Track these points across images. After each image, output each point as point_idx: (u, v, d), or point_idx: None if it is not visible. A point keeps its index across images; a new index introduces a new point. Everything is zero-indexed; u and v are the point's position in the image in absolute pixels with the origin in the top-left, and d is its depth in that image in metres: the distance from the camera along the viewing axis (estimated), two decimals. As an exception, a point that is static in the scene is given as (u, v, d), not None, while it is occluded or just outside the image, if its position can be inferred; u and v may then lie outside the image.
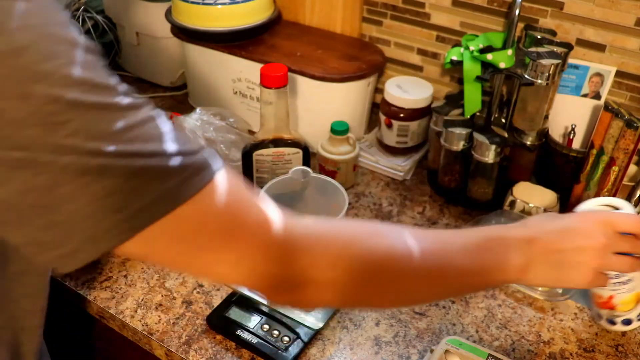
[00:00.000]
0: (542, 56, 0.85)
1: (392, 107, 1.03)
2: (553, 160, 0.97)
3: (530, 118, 0.91)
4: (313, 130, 1.04)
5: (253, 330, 0.74)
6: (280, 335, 0.74)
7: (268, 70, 0.85)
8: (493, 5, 1.00)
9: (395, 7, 1.10)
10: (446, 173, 0.98)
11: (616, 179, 0.87)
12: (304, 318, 0.75)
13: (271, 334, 0.74)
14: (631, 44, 0.92)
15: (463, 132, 0.91)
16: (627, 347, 0.76)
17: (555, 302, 0.82)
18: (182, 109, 1.22)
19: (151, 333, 0.76)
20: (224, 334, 0.75)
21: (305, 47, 1.08)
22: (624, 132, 0.83)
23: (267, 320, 0.75)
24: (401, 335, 0.77)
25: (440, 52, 1.10)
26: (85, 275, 0.83)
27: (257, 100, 1.09)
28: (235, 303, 0.77)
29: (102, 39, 1.27)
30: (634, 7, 0.89)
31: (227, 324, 0.75)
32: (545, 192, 0.93)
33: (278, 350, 0.72)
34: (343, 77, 1.01)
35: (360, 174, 1.06)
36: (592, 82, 0.96)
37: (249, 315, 0.76)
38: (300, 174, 0.85)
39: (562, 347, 0.76)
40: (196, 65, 1.15)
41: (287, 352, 0.72)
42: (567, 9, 0.94)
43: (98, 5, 1.28)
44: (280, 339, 0.73)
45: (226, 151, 0.99)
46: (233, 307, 0.77)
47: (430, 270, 0.53)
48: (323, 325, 0.75)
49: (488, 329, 0.78)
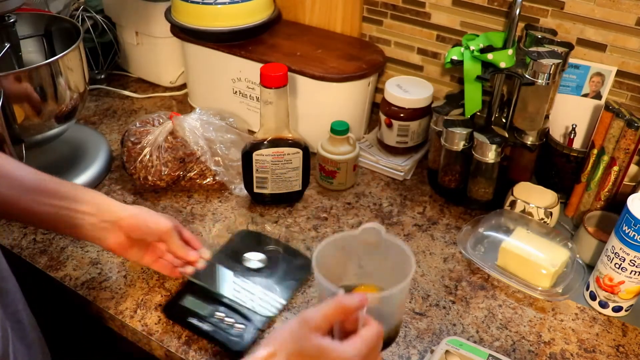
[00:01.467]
0: (543, 56, 0.85)
1: (392, 107, 1.03)
2: (553, 160, 0.97)
3: (531, 118, 0.91)
4: (313, 130, 1.04)
5: (207, 318, 0.75)
6: (234, 323, 0.74)
7: (268, 70, 0.84)
8: (493, 4, 1.00)
9: (395, 6, 1.10)
10: (446, 173, 0.98)
11: (617, 179, 0.87)
12: (258, 307, 0.76)
13: (225, 322, 0.74)
14: (632, 44, 0.92)
15: (463, 132, 0.91)
16: (627, 348, 0.76)
17: (555, 302, 0.82)
18: (181, 108, 1.22)
19: (151, 333, 0.76)
20: (179, 323, 0.76)
21: (305, 46, 1.08)
22: (625, 131, 0.83)
23: (221, 309, 0.76)
24: (401, 336, 0.76)
25: (441, 51, 1.10)
26: (85, 275, 0.83)
27: (257, 100, 1.08)
28: (191, 292, 0.78)
29: (102, 38, 1.27)
30: (634, 7, 0.89)
31: (182, 313, 0.76)
32: (545, 192, 0.93)
33: (231, 337, 0.72)
34: (343, 76, 1.01)
35: (360, 174, 1.06)
36: (592, 82, 0.96)
37: (204, 304, 0.76)
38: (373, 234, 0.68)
39: (563, 347, 0.76)
40: (196, 65, 1.14)
41: (240, 339, 0.72)
42: (568, 9, 0.94)
43: (97, 5, 1.28)
44: (233, 326, 0.74)
45: (226, 151, 0.98)
46: (188, 297, 0.77)
47: None
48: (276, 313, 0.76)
49: (488, 330, 0.78)
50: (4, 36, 0.93)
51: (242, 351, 0.71)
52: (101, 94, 1.27)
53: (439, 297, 0.82)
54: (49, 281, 0.84)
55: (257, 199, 0.97)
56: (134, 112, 1.21)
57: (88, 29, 1.24)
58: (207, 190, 1.00)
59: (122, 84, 1.30)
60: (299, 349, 0.52)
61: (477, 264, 0.85)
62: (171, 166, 0.95)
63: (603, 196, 0.89)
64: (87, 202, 0.71)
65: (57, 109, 0.92)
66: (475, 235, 0.88)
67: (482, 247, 0.88)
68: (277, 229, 0.92)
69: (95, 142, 1.07)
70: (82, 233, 0.71)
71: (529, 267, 0.81)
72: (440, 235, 0.93)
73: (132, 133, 0.98)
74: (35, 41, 1.04)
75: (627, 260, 0.75)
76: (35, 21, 1.02)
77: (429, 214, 0.97)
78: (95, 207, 0.71)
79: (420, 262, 0.88)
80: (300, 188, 0.96)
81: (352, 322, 0.56)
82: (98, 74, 1.29)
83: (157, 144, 0.95)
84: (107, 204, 0.73)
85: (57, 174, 0.98)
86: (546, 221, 0.90)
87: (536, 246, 0.83)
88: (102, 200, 0.73)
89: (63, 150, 1.03)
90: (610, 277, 0.77)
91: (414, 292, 0.83)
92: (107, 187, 1.00)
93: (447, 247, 0.90)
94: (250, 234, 0.90)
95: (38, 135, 0.93)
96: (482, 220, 0.90)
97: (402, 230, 0.93)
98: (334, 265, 0.68)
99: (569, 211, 0.96)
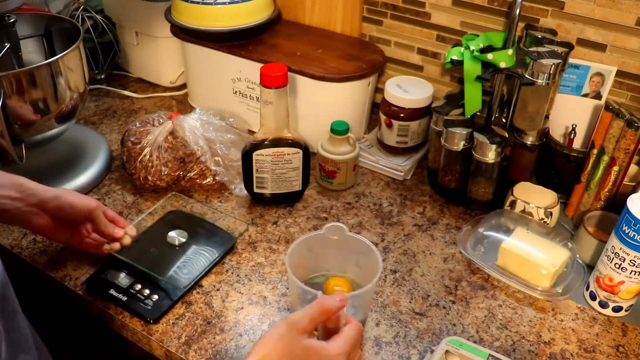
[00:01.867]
0: (543, 56, 0.85)
1: (392, 107, 1.03)
2: (553, 160, 0.97)
3: (531, 118, 0.91)
4: (313, 130, 1.04)
5: (126, 290, 0.79)
6: (150, 294, 0.79)
7: (268, 70, 0.84)
8: (493, 4, 1.00)
9: (395, 6, 1.10)
10: (446, 173, 0.98)
11: (617, 179, 0.87)
12: (174, 278, 0.81)
13: (142, 293, 0.79)
14: (632, 44, 0.92)
15: (463, 132, 0.91)
16: (627, 348, 0.76)
17: (555, 302, 0.82)
18: (181, 108, 1.22)
19: (151, 333, 0.76)
20: (100, 295, 0.80)
21: (305, 46, 1.08)
22: (625, 131, 0.83)
23: (139, 282, 0.80)
24: (401, 336, 0.76)
25: (441, 51, 1.10)
26: (85, 275, 0.83)
27: (256, 100, 1.08)
28: (112, 266, 0.82)
29: (102, 38, 1.27)
30: (634, 7, 0.89)
31: (103, 285, 0.80)
32: (545, 192, 0.93)
33: (146, 307, 0.77)
34: (343, 76, 1.01)
35: (360, 174, 1.06)
36: (592, 82, 0.96)
37: (125, 278, 0.81)
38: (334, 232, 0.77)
39: (563, 347, 0.76)
40: (196, 65, 1.14)
41: (155, 309, 0.77)
42: (568, 9, 0.94)
43: (97, 5, 1.28)
44: (149, 297, 0.79)
45: (226, 151, 0.98)
46: (110, 270, 0.82)
47: None
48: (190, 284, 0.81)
49: (488, 330, 0.78)
50: (4, 36, 0.93)
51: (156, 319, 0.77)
52: (101, 94, 1.27)
53: (439, 297, 0.82)
54: (49, 281, 0.84)
55: (257, 199, 0.97)
56: (134, 112, 1.21)
57: (88, 29, 1.24)
58: (207, 190, 1.00)
59: (122, 84, 1.30)
60: (289, 351, 0.56)
61: (477, 264, 0.85)
62: (171, 166, 0.95)
63: (603, 196, 0.89)
64: (9, 186, 0.72)
65: (57, 109, 0.92)
66: (475, 235, 0.88)
67: (482, 247, 0.88)
68: (275, 229, 0.92)
69: (95, 142, 1.07)
70: (7, 218, 0.73)
71: (529, 267, 0.81)
72: (440, 235, 0.93)
73: (132, 133, 0.98)
74: (35, 41, 1.04)
75: (627, 260, 0.75)
76: (35, 21, 1.02)
77: (429, 214, 0.97)
78: (19, 190, 0.72)
79: (420, 262, 0.88)
80: (300, 188, 0.96)
81: (334, 321, 0.61)
82: (98, 74, 1.29)
83: (157, 144, 0.95)
84: (30, 187, 0.74)
85: (57, 174, 0.98)
86: (546, 221, 0.90)
87: (536, 246, 0.83)
88: (24, 182, 0.74)
89: (63, 150, 1.03)
90: (610, 277, 0.77)
91: (414, 292, 0.83)
92: (107, 187, 1.00)
93: (447, 247, 0.90)
94: (179, 214, 0.93)
95: (38, 135, 0.93)
96: (482, 220, 0.90)
97: (402, 230, 0.93)
98: (305, 264, 0.78)
99: (569, 211, 0.96)
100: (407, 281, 0.84)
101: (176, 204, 0.95)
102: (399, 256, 0.88)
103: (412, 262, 0.87)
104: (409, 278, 0.85)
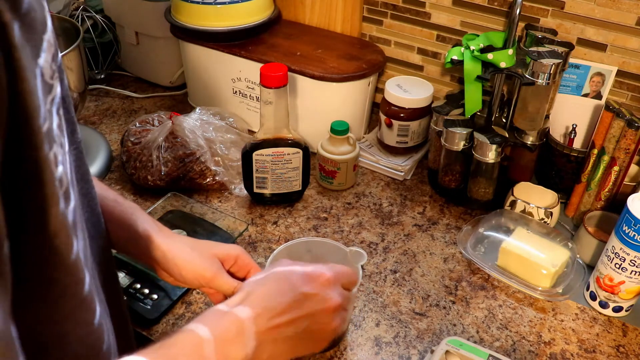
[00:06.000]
0: (543, 56, 0.85)
1: (392, 107, 1.03)
2: (554, 160, 0.96)
3: (531, 118, 0.91)
4: (313, 130, 1.04)
5: (124, 289, 0.79)
6: (149, 294, 0.79)
7: (268, 69, 0.84)
8: (494, 4, 1.00)
9: (395, 6, 1.10)
10: (447, 173, 0.98)
11: (617, 179, 0.87)
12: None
13: (141, 292, 0.79)
14: (632, 44, 0.92)
15: (463, 132, 0.91)
16: (628, 348, 0.76)
17: (556, 303, 0.82)
18: (181, 108, 1.22)
19: (151, 333, 0.75)
20: None
21: (305, 46, 1.08)
22: (625, 131, 0.83)
23: (138, 280, 0.81)
24: (401, 336, 0.76)
25: (441, 51, 1.10)
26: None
27: (256, 99, 1.08)
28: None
29: (102, 38, 1.27)
30: (634, 7, 0.89)
31: None
32: (545, 192, 0.93)
33: (145, 307, 0.77)
34: (343, 76, 1.01)
35: (360, 174, 1.06)
36: (593, 82, 0.96)
37: (122, 276, 0.81)
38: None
39: (563, 347, 0.76)
40: (195, 64, 1.14)
41: (154, 309, 0.77)
42: (568, 9, 0.94)
43: (97, 5, 1.28)
44: (148, 296, 0.79)
45: (226, 151, 0.98)
46: None
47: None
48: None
49: (489, 330, 0.78)
50: (4, 36, 0.93)
51: (156, 319, 0.77)
52: (101, 93, 1.27)
53: (439, 297, 0.82)
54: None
55: (257, 199, 0.96)
56: (134, 112, 1.21)
57: (88, 29, 1.23)
58: (206, 190, 1.00)
59: (122, 84, 1.30)
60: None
61: (477, 264, 0.85)
62: (171, 166, 0.95)
63: (603, 196, 0.89)
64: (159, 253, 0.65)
65: (57, 109, 0.92)
66: (476, 236, 0.88)
67: (482, 247, 0.88)
68: (275, 229, 0.92)
69: (95, 142, 1.07)
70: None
71: (529, 267, 0.81)
72: (440, 236, 0.93)
73: (132, 133, 0.98)
74: (35, 41, 1.04)
75: (628, 260, 0.75)
76: (35, 21, 1.02)
77: (429, 214, 0.97)
78: (163, 259, 0.65)
79: (420, 262, 0.88)
80: (300, 188, 0.96)
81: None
82: (98, 74, 1.29)
83: (157, 144, 0.95)
84: (173, 260, 0.64)
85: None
86: (546, 221, 0.90)
87: (536, 246, 0.83)
88: (170, 255, 0.65)
89: (63, 150, 1.02)
90: (611, 277, 0.77)
91: (414, 292, 0.83)
92: (106, 187, 1.00)
93: (447, 247, 0.90)
94: (178, 214, 0.93)
95: (38, 135, 0.92)
96: (482, 221, 0.90)
97: (402, 230, 0.93)
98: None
99: (569, 211, 0.96)
100: (407, 281, 0.84)
101: (176, 203, 0.95)
102: (399, 256, 0.88)
103: (412, 262, 0.87)
104: (409, 278, 0.85)
